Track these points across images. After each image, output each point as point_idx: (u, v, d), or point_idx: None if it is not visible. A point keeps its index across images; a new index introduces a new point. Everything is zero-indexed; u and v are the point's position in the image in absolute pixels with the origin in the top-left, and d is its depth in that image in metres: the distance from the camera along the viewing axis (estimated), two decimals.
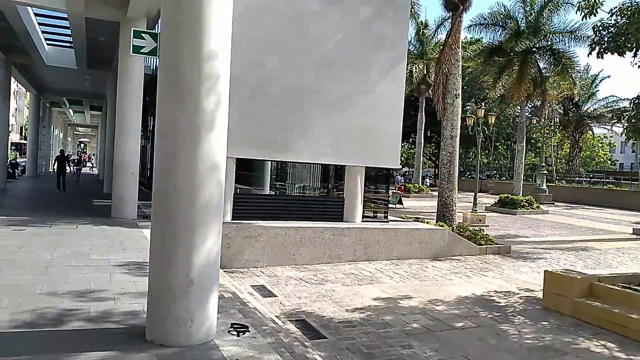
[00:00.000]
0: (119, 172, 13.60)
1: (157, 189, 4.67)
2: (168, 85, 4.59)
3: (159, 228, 4.66)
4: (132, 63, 13.58)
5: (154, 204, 4.73)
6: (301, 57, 15.12)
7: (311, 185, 17.04)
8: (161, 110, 4.63)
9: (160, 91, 4.66)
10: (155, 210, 4.70)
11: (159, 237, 4.66)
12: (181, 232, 4.52)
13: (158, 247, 4.66)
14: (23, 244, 9.01)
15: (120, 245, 9.46)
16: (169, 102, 4.56)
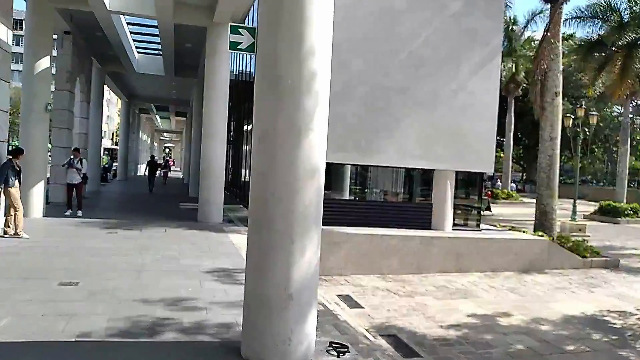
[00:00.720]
0: (205, 177, 13.69)
1: (254, 195, 4.32)
2: (266, 84, 4.22)
3: (256, 237, 4.30)
4: (218, 68, 13.64)
5: (251, 211, 4.37)
6: (388, 55, 14.54)
7: (394, 190, 16.36)
8: (259, 111, 4.28)
9: (258, 91, 4.31)
10: (253, 218, 4.35)
11: (256, 246, 4.29)
12: (279, 241, 4.13)
13: (255, 257, 4.30)
14: (116, 247, 9.13)
15: (208, 251, 9.36)
16: (267, 102, 4.19)
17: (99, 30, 16.23)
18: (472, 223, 16.20)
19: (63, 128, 15.51)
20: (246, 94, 20.11)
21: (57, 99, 15.53)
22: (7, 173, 9.23)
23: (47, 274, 6.77)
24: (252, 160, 4.37)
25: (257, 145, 4.26)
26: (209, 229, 12.31)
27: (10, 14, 9.60)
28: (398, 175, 16.18)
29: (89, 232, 10.67)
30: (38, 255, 8.00)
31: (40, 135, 12.45)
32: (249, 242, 4.43)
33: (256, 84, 4.33)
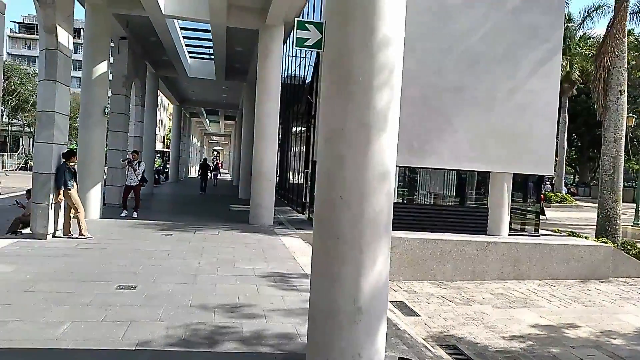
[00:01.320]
0: (257, 179, 13.63)
1: (320, 199, 4.07)
2: (335, 81, 3.97)
3: (322, 244, 4.05)
4: (270, 70, 13.57)
5: (317, 217, 4.13)
6: (442, 53, 14.08)
7: (444, 193, 15.80)
8: (326, 109, 4.03)
9: (326, 88, 4.07)
10: (318, 224, 4.10)
11: (322, 254, 4.05)
12: (348, 249, 3.86)
13: (321, 266, 4.05)
14: (171, 249, 9.13)
15: (262, 254, 9.22)
16: (336, 100, 3.94)
17: (154, 35, 16.53)
18: (530, 228, 15.46)
19: (119, 131, 15.85)
20: (294, 96, 20.07)
21: (113, 103, 15.90)
22: (64, 176, 9.41)
23: (106, 277, 6.78)
24: (317, 162, 4.13)
25: (323, 146, 4.02)
26: (260, 231, 12.22)
27: (70, 19, 9.81)
28: (448, 177, 15.65)
29: (144, 233, 10.77)
30: (96, 257, 8.08)
31: (98, 138, 12.72)
32: (314, 250, 4.19)
33: (324, 82, 4.09)
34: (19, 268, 6.99)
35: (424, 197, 15.51)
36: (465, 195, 15.73)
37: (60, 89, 9.46)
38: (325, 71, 4.11)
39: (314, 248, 4.18)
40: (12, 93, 57.53)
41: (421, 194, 15.58)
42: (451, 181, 15.97)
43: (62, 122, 9.65)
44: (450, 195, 15.85)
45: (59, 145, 9.58)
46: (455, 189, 15.95)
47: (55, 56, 9.27)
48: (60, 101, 9.47)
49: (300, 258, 9.06)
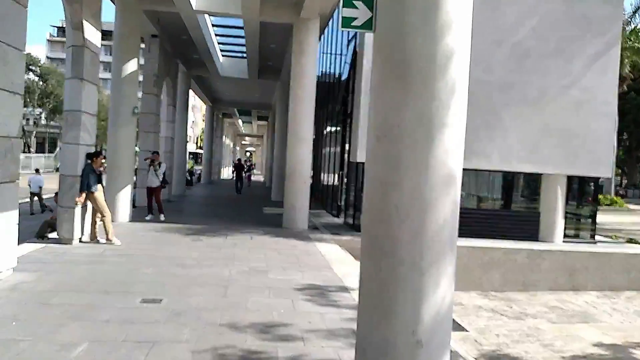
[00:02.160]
0: (291, 181, 13.04)
1: (371, 210, 3.41)
2: (389, 68, 3.30)
3: (373, 264, 3.37)
4: (305, 66, 12.96)
5: (367, 231, 3.46)
6: (490, 47, 13.19)
7: (490, 196, 14.87)
8: (378, 102, 3.37)
9: (377, 77, 3.41)
10: (368, 240, 3.43)
11: (373, 276, 3.37)
12: (406, 271, 3.19)
13: (372, 291, 3.38)
14: (201, 257, 8.60)
15: (296, 262, 8.60)
16: (390, 90, 3.26)
17: (185, 33, 16.16)
18: (585, 234, 14.38)
19: (150, 132, 15.53)
20: (327, 94, 19.39)
21: (144, 103, 15.59)
22: (88, 178, 9.00)
23: (130, 288, 6.27)
24: (367, 164, 3.46)
25: (374, 146, 3.34)
26: (294, 236, 11.62)
27: (98, 16, 9.42)
28: (493, 179, 14.72)
29: (173, 238, 10.30)
30: (122, 264, 7.60)
31: (128, 138, 12.36)
32: (362, 270, 3.51)
33: (375, 70, 3.42)
34: (40, 277, 6.56)
35: (468, 201, 14.58)
36: (512, 199, 14.77)
37: (87, 88, 9.06)
38: (376, 57, 3.44)
39: (363, 268, 3.50)
40: (49, 95, 58.89)
41: (464, 197, 14.68)
42: (497, 183, 15.05)
43: (89, 122, 9.26)
44: (496, 198, 14.92)
45: (86, 146, 9.20)
46: (501, 191, 15.04)
47: (82, 53, 8.88)
48: (87, 100, 9.08)
49: (338, 267, 8.39)
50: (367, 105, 10.73)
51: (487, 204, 14.66)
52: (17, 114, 6.41)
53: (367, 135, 3.45)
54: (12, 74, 6.21)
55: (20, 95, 6.45)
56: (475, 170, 13.76)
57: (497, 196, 14.97)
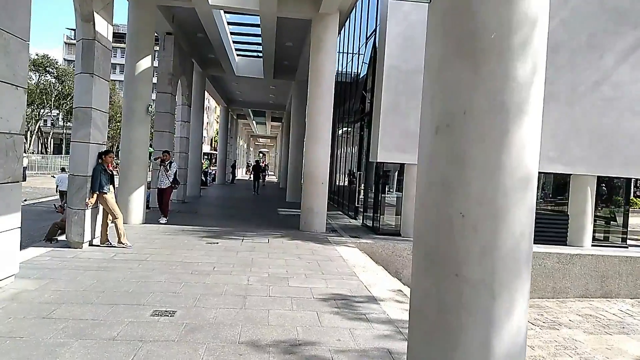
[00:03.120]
0: (309, 182, 12.49)
1: (426, 217, 2.83)
2: (451, 43, 2.73)
3: (429, 280, 2.79)
4: (323, 63, 12.41)
5: (421, 239, 2.87)
6: None
7: None
8: (437, 86, 2.80)
9: (435, 56, 2.85)
10: (423, 254, 2.85)
11: (430, 294, 2.79)
12: (474, 293, 2.61)
13: (428, 312, 2.79)
14: (217, 261, 8.08)
15: (318, 268, 8.03)
16: (454, 70, 2.69)
17: (201, 30, 15.73)
18: (616, 238, 13.62)
19: (164, 131, 15.09)
20: (344, 93, 18.81)
21: (158, 102, 15.16)
22: (99, 178, 8.54)
23: (141, 298, 5.75)
24: (421, 161, 2.88)
25: (431, 140, 2.77)
26: (313, 239, 11.07)
27: (110, 8, 8.95)
28: None
29: (188, 242, 9.80)
30: (132, 271, 7.10)
31: (141, 137, 11.90)
32: (416, 288, 2.93)
33: (432, 46, 2.85)
34: (44, 285, 6.08)
35: None
36: (537, 200, 14.05)
37: (98, 83, 8.60)
38: (434, 32, 2.87)
39: (416, 285, 2.92)
40: (66, 97, 59.10)
41: None
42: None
43: (100, 119, 8.80)
44: None
45: (97, 144, 8.73)
46: None
47: (93, 47, 8.42)
48: (98, 96, 8.62)
49: (362, 275, 7.81)
50: (387, 103, 10.11)
51: None
52: (20, 108, 5.94)
53: (421, 128, 2.87)
54: (14, 65, 5.73)
55: (23, 88, 5.97)
56: None
57: None
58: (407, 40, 12.28)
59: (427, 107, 2.81)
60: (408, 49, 12.26)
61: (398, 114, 12.22)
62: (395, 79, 12.21)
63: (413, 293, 2.92)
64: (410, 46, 12.28)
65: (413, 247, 2.96)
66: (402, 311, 5.86)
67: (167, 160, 12.44)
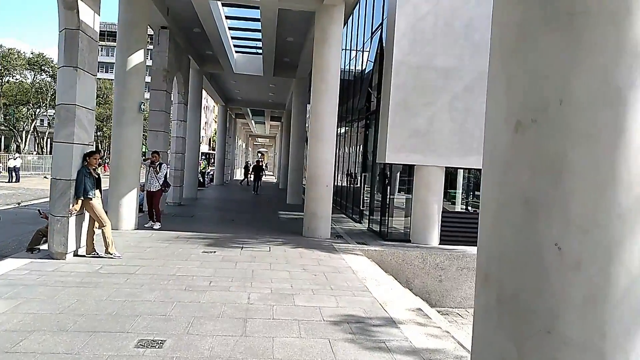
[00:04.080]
0: (312, 184, 11.72)
1: (498, 242, 2.05)
2: (540, 13, 1.95)
3: (505, 334, 2.03)
4: (328, 58, 11.64)
5: (493, 276, 2.11)
6: None
7: None
8: (519, 68, 2.01)
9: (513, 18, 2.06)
10: (494, 291, 2.08)
11: (508, 353, 2.00)
12: (575, 355, 1.81)
13: None
14: (214, 274, 7.31)
15: (325, 282, 7.26)
16: (545, 46, 1.92)
17: (197, 25, 14.95)
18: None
19: (159, 131, 14.29)
20: (347, 91, 18.01)
21: (153, 100, 14.37)
22: (84, 182, 7.76)
23: (126, 323, 4.98)
24: (488, 169, 2.11)
25: (507, 141, 2.01)
26: (317, 247, 10.31)
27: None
28: None
29: (183, 251, 9.03)
30: (119, 288, 6.33)
31: (133, 137, 11.12)
32: (479, 349, 2.15)
33: (502, 12, 2.08)
34: (15, 307, 5.30)
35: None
36: None
37: (83, 78, 7.82)
38: (514, 5, 2.08)
39: (479, 346, 2.14)
40: None
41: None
42: None
43: (86, 118, 8.02)
44: None
45: (82, 145, 7.95)
46: None
47: (77, 37, 7.64)
48: (83, 92, 7.84)
49: (375, 290, 7.04)
50: (396, 101, 9.26)
51: None
52: None
53: (488, 125, 2.11)
54: None
55: None
56: None
57: None
58: (417, 34, 11.53)
59: (498, 96, 2.05)
60: (418, 43, 11.52)
61: (407, 112, 11.47)
62: (405, 74, 11.46)
63: (477, 353, 2.15)
64: (420, 40, 11.54)
65: (477, 286, 2.19)
66: (426, 337, 5.10)
67: (157, 161, 11.65)
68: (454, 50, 11.58)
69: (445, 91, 11.56)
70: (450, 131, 11.59)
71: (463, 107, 11.62)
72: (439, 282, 10.69)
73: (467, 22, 11.55)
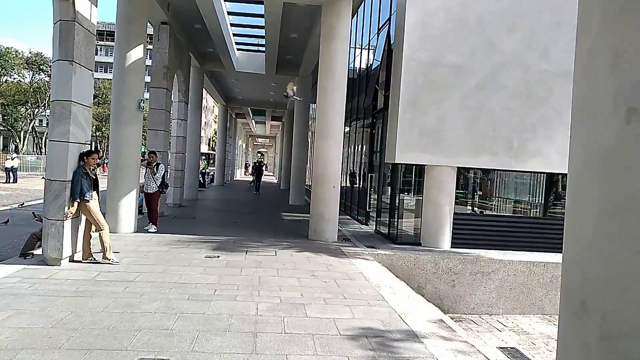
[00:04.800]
0: (319, 185, 11.28)
1: (597, 258, 1.59)
2: None
3: None
4: (336, 54, 11.20)
5: (579, 299, 1.64)
6: (550, 31, 11.35)
7: (539, 201, 12.93)
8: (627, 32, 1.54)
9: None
10: (588, 320, 1.61)
11: None
12: None
13: None
14: (219, 282, 6.86)
15: (338, 290, 6.82)
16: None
17: (199, 21, 14.51)
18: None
19: (159, 130, 13.84)
20: (352, 89, 17.53)
21: (153, 98, 13.92)
22: (80, 183, 7.32)
23: (124, 339, 4.53)
24: (576, 169, 1.66)
25: (613, 133, 1.56)
26: (325, 250, 9.87)
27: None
28: (537, 181, 12.85)
29: (184, 255, 8.58)
30: (117, 297, 5.88)
31: (132, 136, 10.67)
32: None
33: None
34: (4, 320, 4.84)
35: (513, 206, 12.74)
36: (559, 204, 12.86)
37: (79, 73, 7.37)
38: None
39: None
40: None
41: (510, 203, 12.80)
42: (541, 185, 13.15)
43: (82, 115, 7.56)
44: (539, 202, 13.00)
45: (78, 144, 7.50)
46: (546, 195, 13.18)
47: (72, 30, 7.18)
48: (79, 88, 7.39)
49: (391, 298, 6.60)
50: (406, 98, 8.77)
51: (534, 209, 12.73)
52: None
53: (582, 114, 1.66)
54: None
55: None
56: (527, 172, 11.91)
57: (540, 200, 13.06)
58: (427, 29, 11.09)
59: (599, 77, 1.60)
60: (428, 39, 11.08)
61: (417, 110, 11.03)
62: (415, 71, 11.02)
63: None
64: (431, 35, 11.10)
65: (565, 315, 1.74)
66: (453, 354, 4.65)
67: (154, 161, 11.19)
68: (465, 46, 11.15)
69: (456, 88, 11.13)
70: (462, 130, 11.15)
71: (475, 104, 11.18)
72: (451, 287, 10.25)
73: (479, 17, 11.12)
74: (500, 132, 11.22)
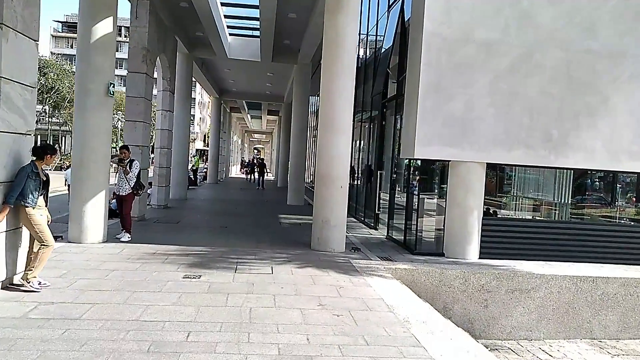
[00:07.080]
0: (323, 185, 9.53)
1: None
2: None
3: None
4: (343, 30, 9.44)
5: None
6: (592, 2, 9.66)
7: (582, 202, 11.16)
8: None
9: None
10: None
11: None
12: None
13: None
14: (195, 319, 5.09)
15: (355, 330, 5.05)
16: None
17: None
18: None
19: (137, 121, 12.03)
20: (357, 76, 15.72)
21: (129, 84, 12.10)
22: (24, 183, 5.57)
23: None
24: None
25: None
26: (332, 265, 8.13)
27: None
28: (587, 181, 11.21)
29: (157, 275, 6.81)
30: (45, 350, 4.10)
31: (101, 125, 8.86)
32: None
33: None
34: None
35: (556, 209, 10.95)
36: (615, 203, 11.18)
37: (14, 41, 5.58)
38: None
39: None
40: (50, 91, 55.63)
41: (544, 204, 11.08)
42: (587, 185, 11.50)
43: (20, 97, 5.77)
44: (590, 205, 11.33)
45: (13, 135, 5.71)
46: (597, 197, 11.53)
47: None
48: (13, 60, 5.59)
49: (429, 342, 4.84)
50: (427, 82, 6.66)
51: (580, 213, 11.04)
52: None
53: None
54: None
55: None
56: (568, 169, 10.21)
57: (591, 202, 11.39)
58: (451, 1, 9.36)
59: None
60: (453, 12, 9.35)
61: (440, 96, 9.30)
62: (437, 50, 9.28)
63: None
64: (456, 8, 9.36)
65: None
66: None
67: (127, 158, 9.41)
68: (497, 21, 9.42)
69: (486, 70, 9.41)
70: (493, 119, 9.42)
71: (508, 89, 9.46)
72: (484, 307, 8.52)
73: None
74: (537, 121, 9.49)
